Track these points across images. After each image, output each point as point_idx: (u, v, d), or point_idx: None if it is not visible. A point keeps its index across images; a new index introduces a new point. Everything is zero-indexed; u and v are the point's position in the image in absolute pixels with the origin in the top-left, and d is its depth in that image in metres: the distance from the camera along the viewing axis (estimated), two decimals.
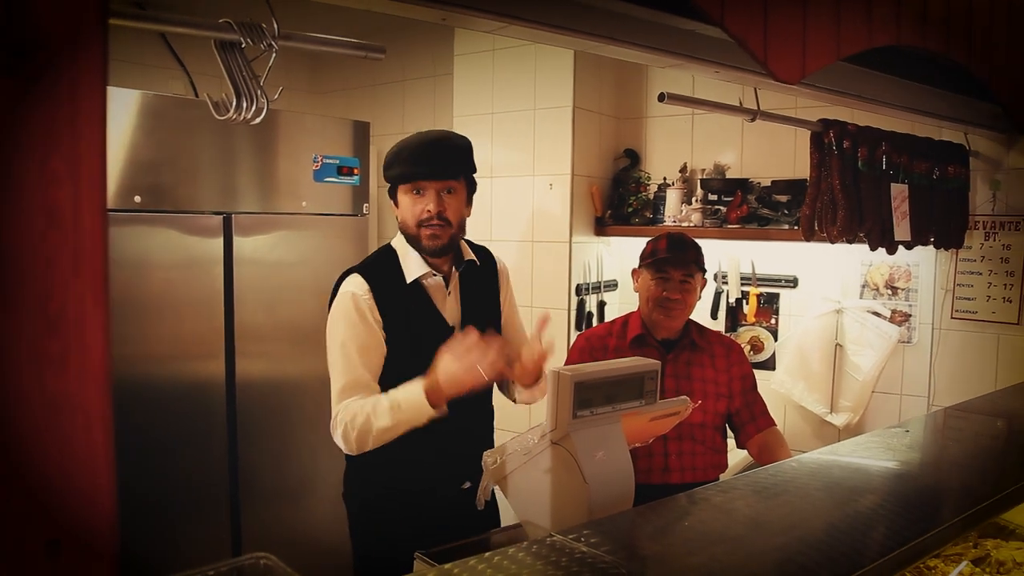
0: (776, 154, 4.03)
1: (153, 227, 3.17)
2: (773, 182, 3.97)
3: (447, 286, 2.38)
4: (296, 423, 3.64)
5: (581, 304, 4.21)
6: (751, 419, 2.85)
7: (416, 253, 2.33)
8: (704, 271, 2.83)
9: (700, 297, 2.87)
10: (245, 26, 1.60)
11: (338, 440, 2.27)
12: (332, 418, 2.27)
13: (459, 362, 2.05)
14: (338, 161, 3.73)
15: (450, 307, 2.38)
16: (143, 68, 4.32)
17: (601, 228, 4.32)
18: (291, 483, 3.65)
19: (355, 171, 3.80)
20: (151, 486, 3.16)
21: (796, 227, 3.66)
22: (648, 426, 2.00)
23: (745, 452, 2.95)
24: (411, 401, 2.11)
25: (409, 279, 2.32)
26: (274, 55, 1.65)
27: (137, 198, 3.07)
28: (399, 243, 2.39)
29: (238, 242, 3.41)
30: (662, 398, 2.01)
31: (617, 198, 4.38)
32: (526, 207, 4.29)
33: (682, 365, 2.80)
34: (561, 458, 1.82)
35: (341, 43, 1.78)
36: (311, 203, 3.65)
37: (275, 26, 1.62)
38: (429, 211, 2.28)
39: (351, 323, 2.25)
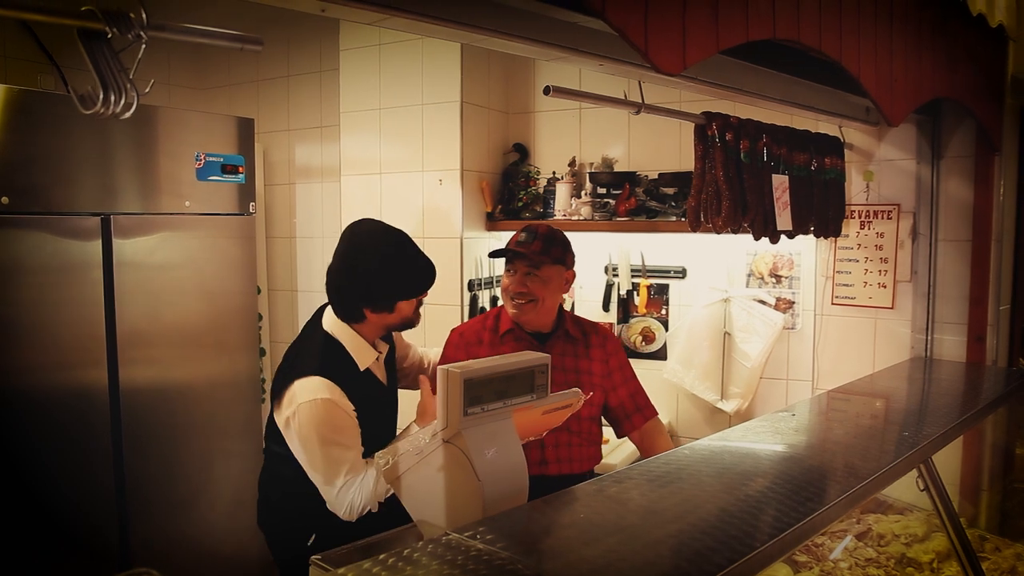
0: (662, 147, 4.10)
1: (25, 230, 3.02)
2: (660, 175, 4.04)
3: (378, 358, 2.61)
4: (185, 429, 3.52)
5: (474, 299, 4.20)
6: (636, 409, 2.83)
7: (364, 341, 2.52)
8: (564, 264, 2.75)
9: (566, 290, 2.81)
10: (111, 15, 1.51)
11: (353, 514, 2.34)
12: (342, 504, 2.34)
13: None
14: (222, 159, 3.63)
15: (380, 371, 2.63)
16: (14, 63, 4.10)
17: (492, 223, 4.32)
18: (181, 492, 3.53)
19: (240, 169, 3.71)
20: (34, 501, 3.02)
21: (683, 219, 3.74)
22: (540, 420, 1.99)
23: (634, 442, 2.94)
24: None
25: (362, 367, 2.51)
26: (143, 46, 1.57)
27: (5, 199, 2.91)
28: (341, 332, 2.51)
29: (118, 244, 3.28)
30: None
31: (507, 193, 4.38)
32: (416, 203, 4.25)
33: (556, 357, 2.76)
34: (453, 456, 1.80)
35: (216, 35, 1.70)
36: (195, 202, 3.54)
37: (143, 15, 1.54)
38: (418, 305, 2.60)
39: (337, 427, 2.36)
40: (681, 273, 4.14)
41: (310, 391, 2.34)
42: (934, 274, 3.58)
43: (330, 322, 2.53)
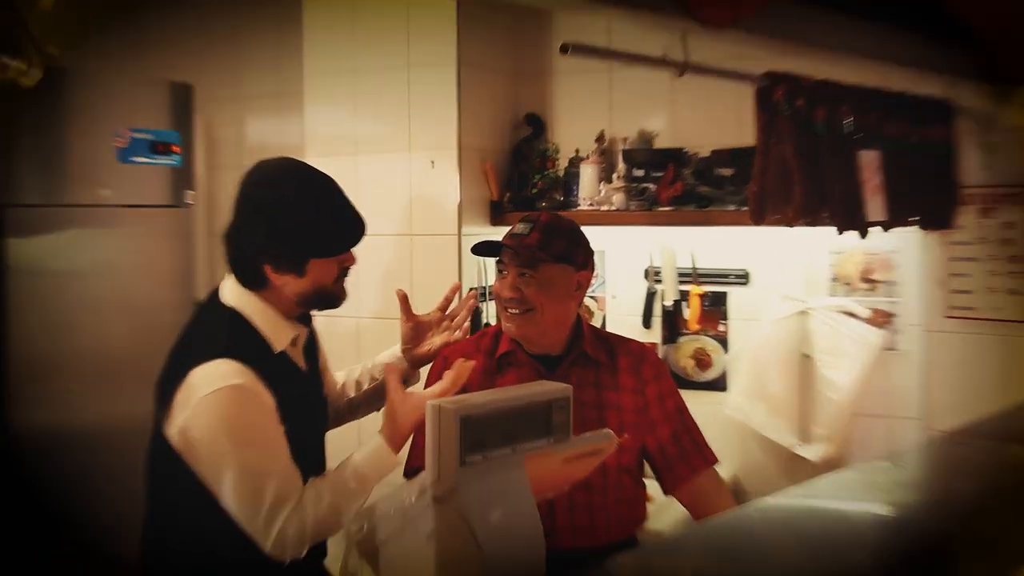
0: (716, 118, 4.07)
1: None
2: (714, 152, 4.01)
3: (295, 343, 2.55)
4: (100, 487, 3.47)
5: (476, 313, 4.14)
6: (681, 456, 2.71)
7: (283, 318, 2.45)
8: (571, 263, 2.65)
9: (579, 298, 2.73)
10: None
11: (286, 552, 2.28)
12: (270, 535, 2.25)
13: (417, 406, 2.36)
14: (151, 136, 3.68)
15: (298, 357, 2.56)
16: None
17: (499, 215, 4.31)
18: None
19: (174, 148, 3.73)
20: None
21: (744, 208, 3.68)
22: (562, 470, 1.96)
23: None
24: (378, 462, 2.39)
25: (278, 348, 2.43)
26: None
27: None
28: (246, 304, 2.42)
29: (14, 244, 3.30)
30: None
31: (518, 177, 4.38)
32: (402, 191, 4.24)
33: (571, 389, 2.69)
34: (447, 520, 1.75)
35: None
36: (115, 191, 3.59)
37: None
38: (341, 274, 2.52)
39: (255, 425, 2.30)
40: (743, 278, 4.11)
41: (216, 378, 2.23)
42: None
43: (232, 293, 2.43)
